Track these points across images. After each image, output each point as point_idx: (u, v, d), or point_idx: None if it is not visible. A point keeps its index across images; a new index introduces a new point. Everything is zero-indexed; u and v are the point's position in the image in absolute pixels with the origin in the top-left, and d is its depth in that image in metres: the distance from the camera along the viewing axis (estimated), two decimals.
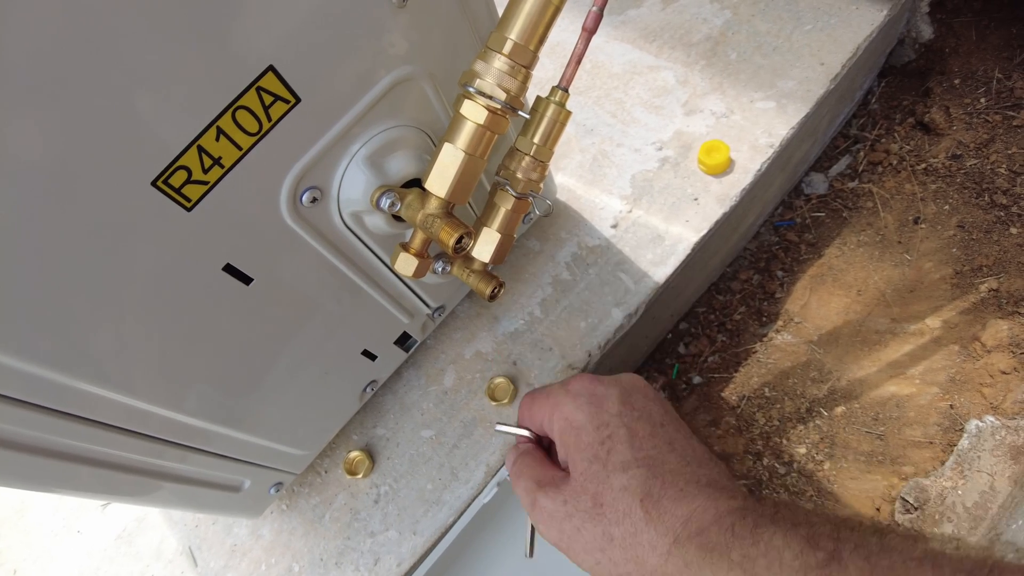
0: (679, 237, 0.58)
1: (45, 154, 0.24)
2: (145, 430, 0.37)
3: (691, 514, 0.29)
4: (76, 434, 0.33)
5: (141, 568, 0.62)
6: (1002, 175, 0.70)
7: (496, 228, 0.41)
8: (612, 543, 0.30)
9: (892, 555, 0.24)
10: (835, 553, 0.24)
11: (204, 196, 0.30)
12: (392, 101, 0.35)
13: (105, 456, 0.37)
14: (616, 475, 0.31)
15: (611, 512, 0.31)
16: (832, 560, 0.24)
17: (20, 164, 0.24)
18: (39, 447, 0.33)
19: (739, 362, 0.69)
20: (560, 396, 0.35)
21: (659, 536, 0.29)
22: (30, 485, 0.34)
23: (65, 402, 0.31)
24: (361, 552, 0.53)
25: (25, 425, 0.31)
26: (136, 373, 0.34)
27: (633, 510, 0.30)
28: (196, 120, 0.28)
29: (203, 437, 0.41)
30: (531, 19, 0.32)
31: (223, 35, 0.26)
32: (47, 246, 0.26)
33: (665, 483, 0.30)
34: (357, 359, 0.48)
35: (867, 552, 0.24)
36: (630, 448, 0.32)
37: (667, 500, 0.29)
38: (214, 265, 0.33)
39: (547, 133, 0.39)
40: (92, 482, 0.37)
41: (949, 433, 0.59)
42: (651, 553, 0.29)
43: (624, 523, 0.30)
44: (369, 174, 0.35)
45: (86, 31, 0.22)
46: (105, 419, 0.34)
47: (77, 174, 0.25)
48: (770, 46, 0.68)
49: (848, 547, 0.25)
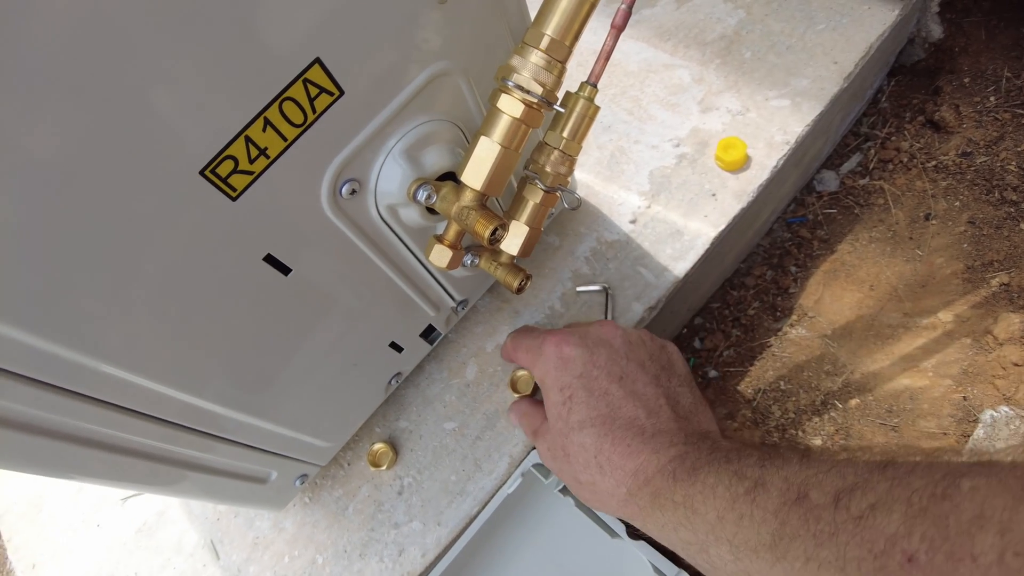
0: (698, 232, 0.58)
1: (100, 143, 0.25)
2: (171, 417, 0.37)
3: (638, 468, 0.34)
4: (101, 419, 0.33)
5: (162, 562, 0.62)
6: (1012, 172, 0.71)
7: (524, 221, 0.42)
8: (581, 485, 0.36)
9: (810, 467, 0.27)
10: (759, 479, 0.28)
11: (249, 186, 0.31)
12: (429, 95, 0.36)
13: (129, 443, 0.37)
14: (575, 433, 0.37)
15: (575, 462, 0.36)
16: (757, 486, 0.28)
17: (75, 151, 0.24)
18: (65, 432, 0.33)
19: (754, 356, 0.70)
20: (536, 354, 0.42)
21: (615, 487, 0.34)
22: (55, 471, 0.34)
23: (95, 387, 0.32)
24: (385, 543, 0.54)
25: (54, 410, 0.31)
26: (169, 360, 0.34)
27: (590, 464, 0.35)
28: (245, 110, 0.29)
29: (230, 426, 0.41)
30: (567, 15, 0.33)
31: (274, 27, 0.27)
32: (94, 231, 0.27)
33: (615, 440, 0.35)
34: (385, 351, 0.48)
35: (788, 472, 0.28)
36: (586, 407, 0.37)
37: (616, 456, 0.34)
38: (255, 255, 0.34)
39: (576, 128, 0.39)
40: (115, 469, 0.37)
41: (963, 424, 0.60)
42: (611, 499, 0.35)
43: (586, 472, 0.36)
44: (406, 167, 0.36)
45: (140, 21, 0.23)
46: (133, 405, 0.34)
47: (130, 162, 0.26)
48: (784, 45, 0.69)
49: (771, 471, 0.28)
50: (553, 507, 0.53)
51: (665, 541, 0.33)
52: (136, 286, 0.30)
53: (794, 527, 0.25)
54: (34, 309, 0.27)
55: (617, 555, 0.51)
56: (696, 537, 0.30)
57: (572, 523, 0.52)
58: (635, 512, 0.34)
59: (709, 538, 0.29)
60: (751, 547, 0.27)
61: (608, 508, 0.35)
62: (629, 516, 0.35)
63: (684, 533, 0.31)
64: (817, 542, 0.24)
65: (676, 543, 0.32)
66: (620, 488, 0.34)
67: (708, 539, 0.29)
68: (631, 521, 0.35)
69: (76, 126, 0.24)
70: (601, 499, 0.35)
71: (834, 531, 0.24)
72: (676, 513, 0.31)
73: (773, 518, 0.26)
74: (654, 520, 0.33)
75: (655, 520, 0.32)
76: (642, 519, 0.34)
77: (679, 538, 0.31)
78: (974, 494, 0.20)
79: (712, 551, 0.29)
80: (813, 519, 0.25)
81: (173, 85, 0.25)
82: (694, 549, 0.30)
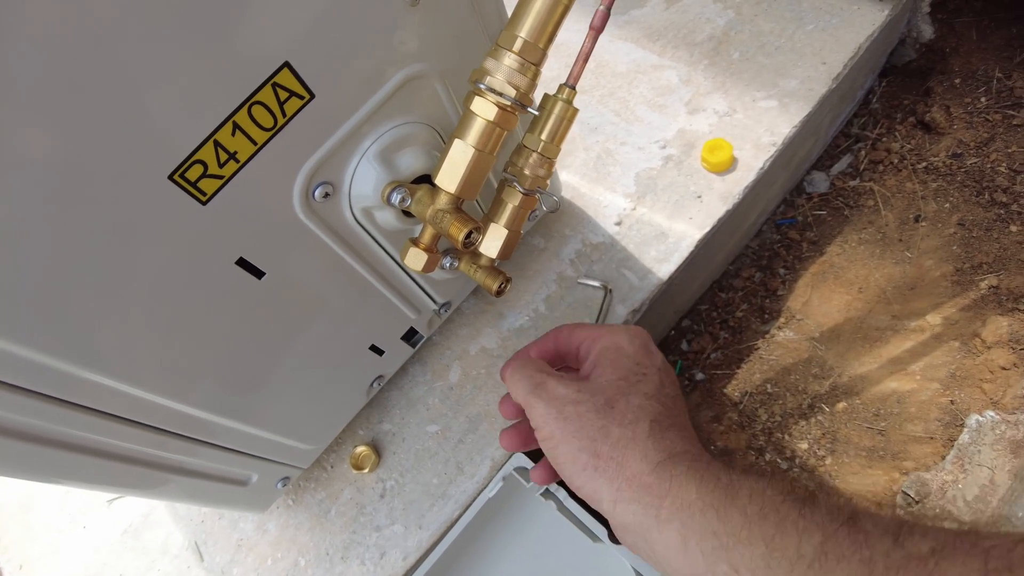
0: (683, 234, 0.58)
1: (66, 149, 0.25)
2: (154, 422, 0.37)
3: (687, 449, 0.31)
4: (86, 425, 0.34)
5: (148, 563, 0.62)
6: (1002, 173, 0.71)
7: (504, 224, 0.41)
8: (607, 437, 0.32)
9: (854, 503, 0.25)
10: (808, 494, 0.26)
11: (219, 190, 0.31)
12: (403, 98, 0.36)
13: (114, 448, 0.37)
14: (637, 396, 0.33)
15: (619, 415, 0.32)
16: (806, 498, 0.26)
17: (41, 159, 0.24)
18: (51, 438, 0.33)
19: (741, 359, 0.69)
20: (619, 330, 0.38)
21: (654, 450, 0.31)
22: (41, 476, 0.34)
23: (75, 393, 0.32)
24: (367, 546, 0.53)
25: (37, 416, 0.31)
26: (147, 365, 0.34)
27: (640, 423, 0.32)
28: (213, 115, 0.28)
29: (211, 430, 0.41)
30: (541, 17, 0.32)
31: (241, 31, 0.27)
32: (65, 238, 0.27)
33: (673, 424, 0.32)
34: (365, 354, 0.48)
35: (835, 498, 0.25)
36: (657, 390, 0.34)
37: (671, 432, 0.32)
38: (227, 259, 0.34)
39: (554, 130, 0.39)
40: (102, 474, 0.37)
41: (950, 428, 0.59)
42: (640, 461, 0.30)
43: (626, 428, 0.32)
44: (380, 170, 0.36)
45: (108, 26, 0.23)
46: (114, 410, 0.35)
47: (96, 168, 0.26)
48: (773, 46, 0.69)
49: (817, 495, 0.26)
50: (535, 511, 0.53)
51: (677, 524, 0.28)
52: (109, 291, 0.30)
53: (843, 548, 0.22)
54: (7, 316, 0.27)
55: (599, 559, 0.50)
56: (725, 528, 0.26)
57: (554, 527, 0.52)
58: (657, 481, 0.29)
59: (742, 533, 0.25)
60: (788, 557, 0.24)
61: (622, 469, 0.31)
62: (648, 482, 0.30)
63: (711, 519, 0.26)
64: (870, 570, 0.21)
65: (692, 529, 0.27)
66: (659, 453, 0.30)
67: (741, 534, 0.25)
68: (642, 488, 0.30)
69: (37, 132, 0.23)
70: (624, 455, 0.31)
71: (890, 566, 0.21)
72: (715, 493, 0.27)
73: (819, 531, 0.23)
74: (681, 493, 0.28)
75: (682, 494, 0.28)
76: (662, 489, 0.29)
77: (701, 524, 0.27)
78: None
79: (739, 551, 0.25)
80: (867, 546, 0.22)
81: (139, 90, 0.25)
82: (712, 544, 0.26)
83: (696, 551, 0.27)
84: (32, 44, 0.21)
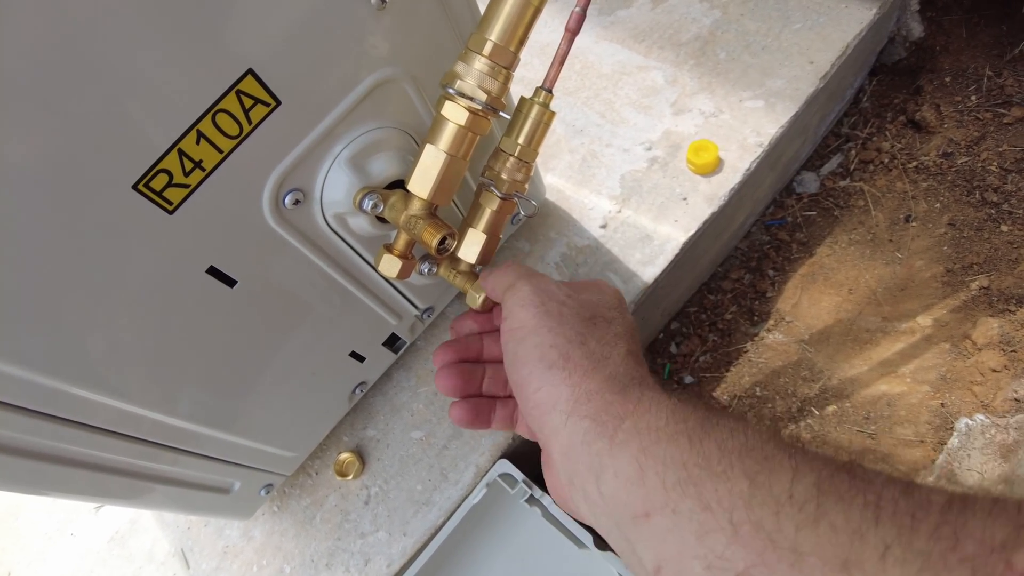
0: (668, 237, 0.58)
1: (26, 159, 0.24)
2: (134, 433, 0.37)
3: (659, 385, 0.29)
4: (65, 437, 0.33)
5: (134, 570, 0.62)
6: (993, 173, 0.70)
7: (482, 229, 0.41)
8: (582, 345, 0.30)
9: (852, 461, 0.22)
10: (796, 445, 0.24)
11: (186, 199, 0.30)
12: (374, 103, 0.35)
13: (96, 459, 0.37)
14: (618, 325, 0.33)
15: (599, 332, 0.31)
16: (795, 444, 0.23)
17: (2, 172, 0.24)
18: (29, 450, 0.33)
19: (730, 362, 0.69)
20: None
21: (626, 374, 0.29)
22: (23, 488, 0.34)
23: (54, 405, 0.32)
24: (351, 553, 0.53)
25: (16, 429, 0.31)
26: (123, 376, 0.34)
27: (618, 346, 0.31)
28: (176, 124, 0.28)
29: (192, 439, 0.41)
30: (511, 20, 0.32)
31: (201, 38, 0.26)
32: (30, 251, 0.26)
33: (639, 363, 0.31)
34: (345, 361, 0.48)
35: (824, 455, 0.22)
36: (633, 334, 0.33)
37: (645, 369, 0.31)
38: (198, 268, 0.33)
39: (531, 134, 0.39)
40: (84, 485, 0.37)
41: (940, 432, 0.59)
42: (608, 379, 0.28)
43: (604, 345, 0.30)
44: (352, 175, 0.35)
45: (63, 36, 0.23)
46: (94, 422, 0.34)
47: (58, 178, 0.25)
48: (759, 45, 0.68)
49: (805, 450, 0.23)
50: (520, 517, 0.53)
51: (635, 448, 0.24)
52: (81, 303, 0.29)
53: (842, 490, 0.19)
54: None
55: (584, 566, 0.50)
56: (696, 459, 0.22)
57: (539, 533, 0.52)
58: (624, 398, 0.26)
59: (718, 467, 0.21)
60: (775, 495, 0.20)
61: (602, 365, 0.28)
62: (611, 399, 0.26)
63: (681, 447, 0.22)
64: (876, 515, 0.18)
65: (653, 456, 0.23)
66: (641, 367, 0.29)
67: (716, 468, 0.21)
68: (603, 404, 0.26)
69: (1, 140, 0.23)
70: (604, 354, 0.28)
71: (899, 512, 0.18)
72: (688, 422, 0.23)
73: (812, 472, 0.20)
74: (647, 417, 0.24)
75: (648, 418, 0.24)
76: (624, 409, 0.25)
77: (667, 451, 0.22)
78: None
79: (713, 485, 0.21)
80: (871, 491, 0.18)
81: (100, 100, 0.25)
82: (677, 476, 0.22)
83: (656, 482, 0.22)
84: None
